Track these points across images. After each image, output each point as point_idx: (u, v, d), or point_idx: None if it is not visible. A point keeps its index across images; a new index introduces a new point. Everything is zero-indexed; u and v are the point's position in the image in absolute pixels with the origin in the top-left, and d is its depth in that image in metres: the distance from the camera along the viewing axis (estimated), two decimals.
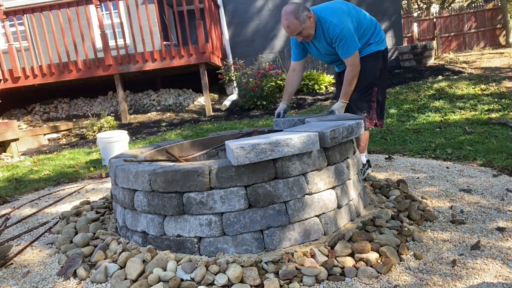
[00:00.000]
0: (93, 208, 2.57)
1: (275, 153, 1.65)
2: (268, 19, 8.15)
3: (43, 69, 6.64)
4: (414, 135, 4.23)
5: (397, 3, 8.03)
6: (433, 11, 19.12)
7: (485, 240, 1.75)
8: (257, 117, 6.24)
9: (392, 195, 2.32)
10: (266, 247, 1.72)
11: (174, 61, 6.51)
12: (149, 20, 6.34)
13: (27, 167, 4.60)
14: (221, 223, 1.70)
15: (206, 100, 6.78)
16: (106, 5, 8.87)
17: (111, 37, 8.76)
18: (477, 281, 1.44)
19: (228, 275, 1.51)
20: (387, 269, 1.53)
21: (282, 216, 1.72)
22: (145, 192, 1.82)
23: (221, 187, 1.69)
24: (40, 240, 2.23)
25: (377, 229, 1.82)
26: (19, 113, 7.87)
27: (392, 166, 3.17)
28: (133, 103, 7.77)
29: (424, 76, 7.18)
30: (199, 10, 6.22)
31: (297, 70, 2.86)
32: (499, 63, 8.05)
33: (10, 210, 2.88)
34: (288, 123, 2.74)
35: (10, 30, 6.60)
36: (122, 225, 2.04)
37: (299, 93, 7.46)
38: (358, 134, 2.02)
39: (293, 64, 2.87)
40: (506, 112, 4.73)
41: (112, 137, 4.18)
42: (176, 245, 1.76)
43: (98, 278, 1.64)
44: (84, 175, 3.92)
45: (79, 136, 6.41)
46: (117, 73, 6.67)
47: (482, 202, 2.20)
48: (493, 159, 3.00)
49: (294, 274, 1.51)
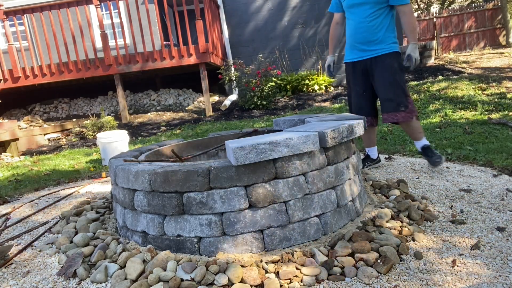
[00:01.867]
0: (93, 208, 2.57)
1: (275, 153, 1.65)
2: (268, 19, 8.14)
3: (43, 69, 6.64)
4: None
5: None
6: (433, 11, 19.11)
7: (485, 240, 1.75)
8: (257, 117, 6.24)
9: (392, 195, 2.32)
10: (266, 247, 1.72)
11: (174, 61, 6.51)
12: (149, 20, 6.34)
13: (27, 167, 4.60)
14: (221, 223, 1.70)
15: (206, 100, 6.78)
16: (106, 5, 8.89)
17: (111, 37, 8.78)
18: (477, 281, 1.44)
19: (228, 275, 1.51)
20: (387, 269, 1.53)
21: (282, 216, 1.72)
22: (145, 192, 1.82)
23: (221, 187, 1.70)
24: (40, 240, 2.23)
25: (377, 229, 1.82)
26: (19, 113, 7.87)
27: (392, 166, 3.17)
28: (133, 103, 7.77)
29: (424, 76, 7.18)
30: (199, 10, 6.22)
31: (340, 22, 3.02)
32: (499, 63, 8.05)
33: (10, 210, 2.88)
34: (288, 123, 2.74)
35: (10, 30, 6.60)
36: (122, 225, 2.04)
37: (299, 93, 7.46)
38: (358, 134, 2.02)
39: (335, 16, 3.02)
40: (506, 112, 4.73)
41: (112, 137, 4.18)
42: (176, 245, 1.76)
43: (98, 278, 1.64)
44: (84, 175, 3.92)
45: (79, 136, 6.41)
46: (117, 73, 6.67)
47: (482, 202, 2.20)
48: (493, 159, 3.00)
49: (294, 274, 1.51)
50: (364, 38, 2.77)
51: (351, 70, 2.94)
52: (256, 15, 8.14)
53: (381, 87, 2.76)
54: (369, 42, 2.76)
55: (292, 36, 8.16)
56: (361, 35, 2.78)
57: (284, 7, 8.09)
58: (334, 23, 3.04)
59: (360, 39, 2.79)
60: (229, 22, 8.13)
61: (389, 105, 2.74)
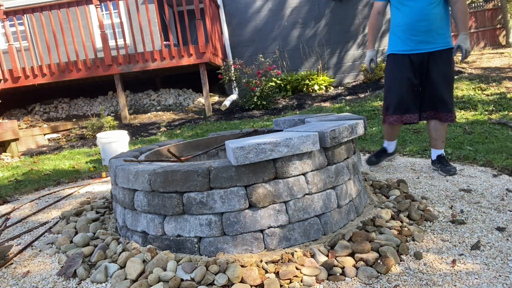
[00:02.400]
0: (93, 208, 2.57)
1: (275, 153, 1.65)
2: (268, 19, 8.14)
3: (43, 69, 6.64)
4: (414, 135, 4.23)
5: None
6: None
7: (485, 240, 1.75)
8: (257, 117, 6.24)
9: (392, 195, 2.32)
10: (266, 247, 1.72)
11: (174, 61, 6.51)
12: (149, 20, 6.34)
13: (27, 167, 4.60)
14: (221, 223, 1.70)
15: (206, 100, 6.78)
16: (106, 5, 8.88)
17: (111, 37, 8.77)
18: (477, 281, 1.44)
19: (228, 275, 1.51)
20: (387, 269, 1.53)
21: (282, 216, 1.72)
22: (145, 192, 1.82)
23: (221, 187, 1.70)
24: (40, 240, 2.23)
25: (377, 229, 1.82)
26: (19, 113, 7.87)
27: (392, 166, 3.17)
28: (133, 103, 7.77)
29: None
30: (199, 10, 6.22)
31: (382, 11, 2.82)
32: (499, 63, 8.05)
33: (10, 210, 2.88)
34: (288, 123, 2.74)
35: (10, 30, 6.60)
36: (122, 225, 2.04)
37: (299, 93, 7.46)
38: (358, 134, 2.02)
39: (378, 5, 2.81)
40: (506, 112, 4.73)
41: (112, 137, 4.18)
42: (176, 245, 1.76)
43: (98, 278, 1.65)
44: (84, 175, 3.92)
45: (79, 136, 6.41)
46: (117, 73, 6.68)
47: (482, 202, 2.20)
48: (493, 159, 3.00)
49: (294, 274, 1.51)
50: (426, 27, 2.56)
51: (401, 62, 2.69)
52: (256, 15, 8.14)
53: (440, 85, 2.60)
54: (430, 32, 2.56)
55: (292, 36, 8.17)
56: (422, 24, 2.55)
57: (284, 7, 8.10)
58: (375, 12, 2.82)
59: (421, 28, 2.56)
60: (229, 22, 8.14)
61: (445, 104, 2.62)
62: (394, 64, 2.76)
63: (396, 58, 2.73)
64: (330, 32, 8.08)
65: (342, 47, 8.12)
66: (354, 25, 8.04)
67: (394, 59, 2.75)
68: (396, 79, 2.75)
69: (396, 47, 2.74)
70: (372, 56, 2.90)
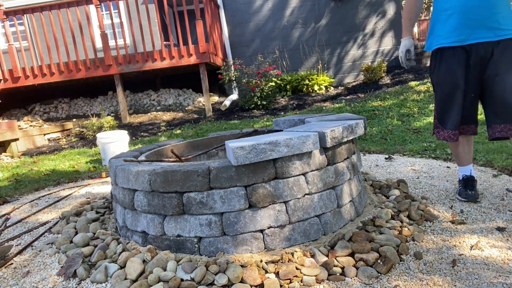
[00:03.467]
0: (93, 208, 2.57)
1: (275, 153, 1.65)
2: (268, 19, 8.14)
3: (43, 69, 6.64)
4: (414, 135, 4.23)
5: (397, 3, 8.03)
6: None
7: (485, 240, 1.75)
8: (257, 117, 6.24)
9: (392, 195, 2.32)
10: (266, 247, 1.72)
11: (174, 61, 6.51)
12: (149, 20, 6.34)
13: (27, 167, 4.60)
14: (221, 223, 1.70)
15: (206, 100, 6.78)
16: (106, 5, 8.89)
17: (111, 37, 8.78)
18: (477, 281, 1.44)
19: (228, 275, 1.51)
20: (387, 269, 1.53)
21: (282, 216, 1.72)
22: (145, 192, 1.82)
23: (221, 187, 1.70)
24: (40, 240, 2.23)
25: (377, 229, 1.82)
26: (19, 113, 7.87)
27: (392, 166, 3.17)
28: (133, 103, 7.77)
29: (424, 76, 7.17)
30: (199, 10, 6.22)
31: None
32: None
33: (10, 210, 2.88)
34: (288, 123, 2.74)
35: (10, 30, 6.60)
36: (122, 225, 2.04)
37: (299, 93, 7.46)
38: (358, 134, 2.02)
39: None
40: None
41: (112, 137, 4.18)
42: (176, 245, 1.76)
43: (98, 278, 1.64)
44: (84, 175, 3.92)
45: (79, 136, 6.41)
46: (117, 73, 6.67)
47: (482, 202, 2.20)
48: (493, 159, 3.00)
49: (294, 274, 1.51)
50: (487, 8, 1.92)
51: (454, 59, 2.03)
52: (256, 15, 8.14)
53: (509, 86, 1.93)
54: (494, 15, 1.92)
55: (292, 36, 8.16)
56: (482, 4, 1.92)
57: (284, 7, 8.09)
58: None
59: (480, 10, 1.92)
60: (229, 22, 8.13)
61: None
62: (443, 63, 2.08)
63: (446, 54, 2.05)
64: (330, 32, 8.08)
65: (342, 47, 8.11)
66: (354, 25, 8.04)
67: (443, 56, 2.07)
68: (447, 83, 2.07)
69: (444, 39, 2.03)
70: (408, 45, 2.24)
